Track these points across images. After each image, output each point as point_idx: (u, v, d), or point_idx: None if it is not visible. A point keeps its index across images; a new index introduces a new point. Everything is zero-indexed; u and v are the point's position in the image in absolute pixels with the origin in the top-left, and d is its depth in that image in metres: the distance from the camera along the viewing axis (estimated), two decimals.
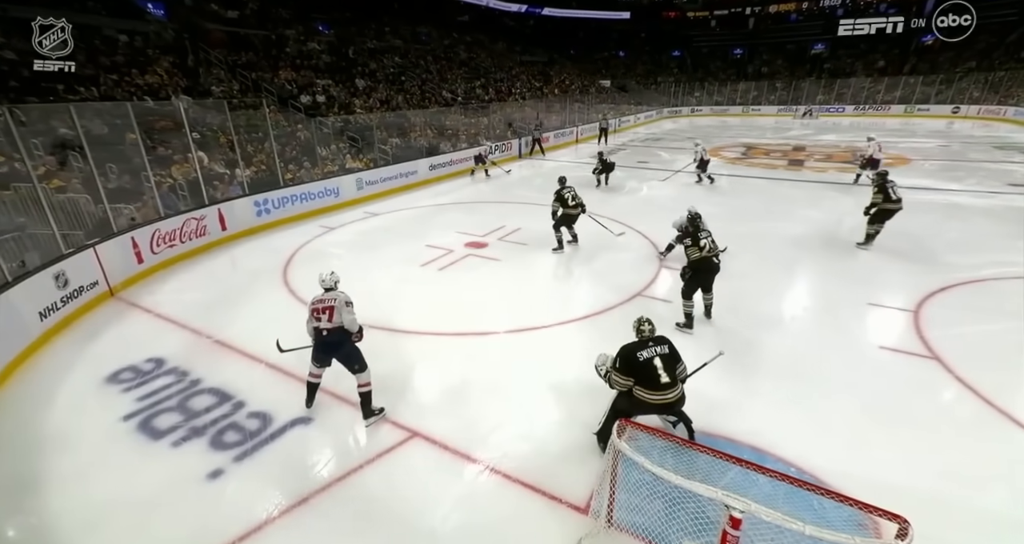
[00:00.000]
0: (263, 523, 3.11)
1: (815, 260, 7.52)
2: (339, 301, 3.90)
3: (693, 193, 12.19)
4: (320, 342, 3.91)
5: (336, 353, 3.95)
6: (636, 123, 29.09)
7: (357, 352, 3.99)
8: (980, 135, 21.18)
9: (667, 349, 3.42)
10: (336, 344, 3.91)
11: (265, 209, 9.52)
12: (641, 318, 3.59)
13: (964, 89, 28.39)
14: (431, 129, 16.58)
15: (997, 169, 13.87)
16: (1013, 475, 3.45)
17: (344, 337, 3.91)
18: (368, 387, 4.00)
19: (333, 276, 4.13)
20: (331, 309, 3.88)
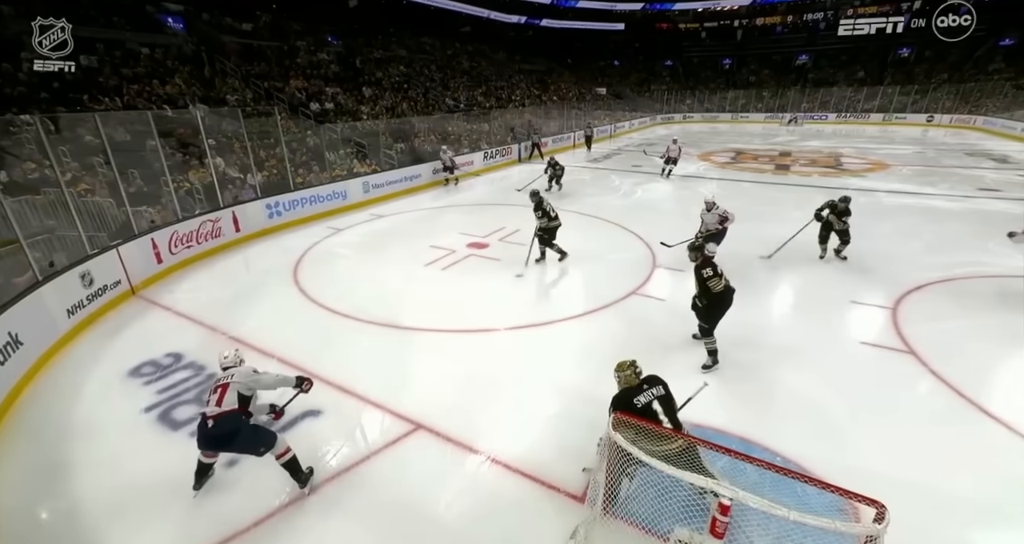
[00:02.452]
0: (277, 509, 3.12)
1: (801, 260, 7.52)
2: (238, 374, 3.08)
3: (684, 196, 12.18)
4: (203, 435, 2.98)
5: (230, 445, 3.05)
6: (630, 129, 29.06)
7: (256, 434, 3.06)
8: (953, 142, 21.20)
9: (663, 390, 3.05)
10: (227, 436, 2.97)
11: (276, 211, 9.51)
12: (622, 363, 3.17)
13: (938, 99, 28.43)
14: (435, 135, 16.55)
15: (968, 174, 13.89)
16: (979, 462, 3.47)
17: (238, 424, 2.97)
18: (287, 455, 3.15)
19: (228, 359, 3.28)
20: (224, 387, 3.02)
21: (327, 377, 4.56)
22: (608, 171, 15.97)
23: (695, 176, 14.80)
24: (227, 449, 3.13)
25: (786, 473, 2.62)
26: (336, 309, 5.99)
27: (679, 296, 6.34)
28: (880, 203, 10.93)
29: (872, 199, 11.29)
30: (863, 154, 18.18)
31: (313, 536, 2.95)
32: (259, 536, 2.95)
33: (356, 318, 5.75)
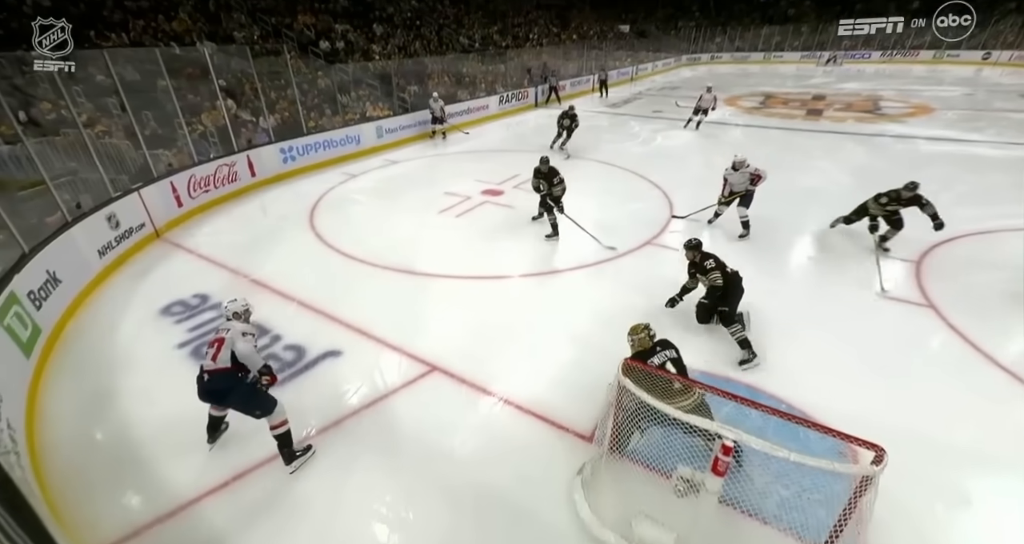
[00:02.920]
0: (303, 440, 3.30)
1: (824, 211, 7.16)
2: (233, 331, 2.94)
3: (706, 144, 11.54)
4: (201, 388, 2.93)
5: (225, 401, 3.01)
6: (653, 71, 27.11)
7: (254, 395, 2.97)
8: (1009, 83, 19.30)
9: (676, 353, 3.08)
10: (222, 392, 2.94)
11: (290, 156, 9.34)
12: (636, 326, 3.19)
13: (999, 33, 25.43)
14: (448, 77, 15.70)
15: (1019, 119, 12.74)
16: (986, 413, 3.45)
17: (232, 382, 2.90)
18: (281, 428, 3.02)
19: (236, 304, 3.15)
20: (220, 342, 2.92)
21: (345, 320, 4.66)
22: (627, 117, 15.12)
23: (719, 122, 13.91)
24: (224, 404, 3.08)
25: (789, 418, 2.63)
26: (352, 254, 6.02)
27: None
28: (917, 151, 10.20)
29: (909, 147, 10.54)
30: (905, 97, 16.75)
31: (338, 466, 3.14)
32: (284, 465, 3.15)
33: (372, 264, 5.78)
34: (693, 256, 4.23)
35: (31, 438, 3.35)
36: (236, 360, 2.90)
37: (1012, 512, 2.77)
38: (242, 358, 2.88)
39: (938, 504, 2.80)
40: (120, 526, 2.75)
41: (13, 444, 3.03)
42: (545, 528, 2.69)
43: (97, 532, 2.71)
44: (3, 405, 3.21)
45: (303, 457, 3.13)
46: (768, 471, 2.84)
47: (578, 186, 7.12)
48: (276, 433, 3.03)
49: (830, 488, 2.49)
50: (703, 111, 12.40)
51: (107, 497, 2.96)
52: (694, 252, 4.22)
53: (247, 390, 2.95)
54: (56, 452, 3.27)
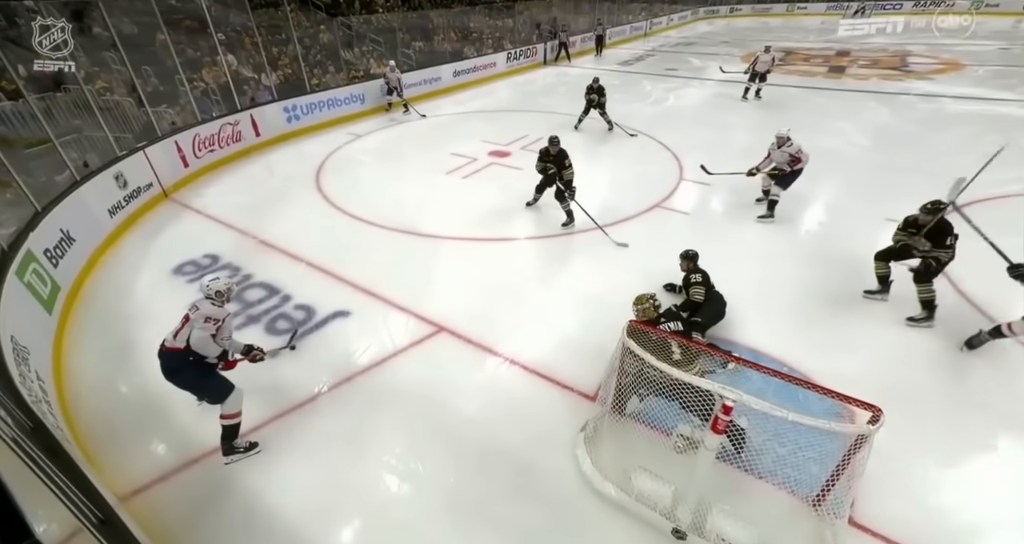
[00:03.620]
0: (315, 395, 3.38)
1: (837, 175, 6.89)
2: (197, 314, 2.78)
3: (720, 105, 10.98)
4: (160, 365, 2.84)
5: (175, 379, 2.85)
6: (668, 25, 25.46)
7: (204, 381, 2.86)
8: None
9: (680, 325, 3.09)
10: (173, 370, 2.82)
11: (295, 115, 9.05)
12: (642, 296, 3.14)
13: None
14: (455, 32, 14.87)
15: None
16: (992, 378, 3.42)
17: (181, 363, 2.78)
18: (230, 420, 2.88)
19: (215, 283, 2.93)
20: (186, 320, 2.81)
21: (353, 280, 4.66)
22: (639, 75, 14.35)
23: (734, 80, 13.18)
24: (177, 384, 2.88)
25: (789, 380, 2.63)
26: (359, 215, 5.94)
27: (704, 210, 6.04)
28: (943, 111, 9.64)
29: (935, 106, 9.95)
30: (935, 52, 15.66)
31: (351, 420, 3.22)
32: (303, 417, 3.24)
33: (379, 225, 5.71)
34: (686, 266, 3.97)
35: (60, 389, 3.47)
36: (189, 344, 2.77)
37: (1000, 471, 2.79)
38: (194, 345, 2.74)
39: (929, 461, 2.83)
40: (149, 470, 2.88)
41: (44, 393, 3.14)
42: (548, 482, 2.77)
43: (128, 475, 2.85)
44: (31, 357, 3.30)
45: (242, 454, 2.93)
46: (766, 430, 2.87)
47: (587, 148, 6.89)
48: (223, 423, 2.88)
49: (825, 446, 2.51)
50: (760, 76, 10.43)
51: (134, 443, 3.08)
52: (688, 262, 3.96)
53: (197, 374, 2.84)
54: (84, 402, 3.39)
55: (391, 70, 10.16)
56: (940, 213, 3.79)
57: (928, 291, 3.92)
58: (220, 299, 2.94)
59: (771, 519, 2.45)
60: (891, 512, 2.53)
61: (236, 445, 2.94)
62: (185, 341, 2.76)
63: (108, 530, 1.92)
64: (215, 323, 2.79)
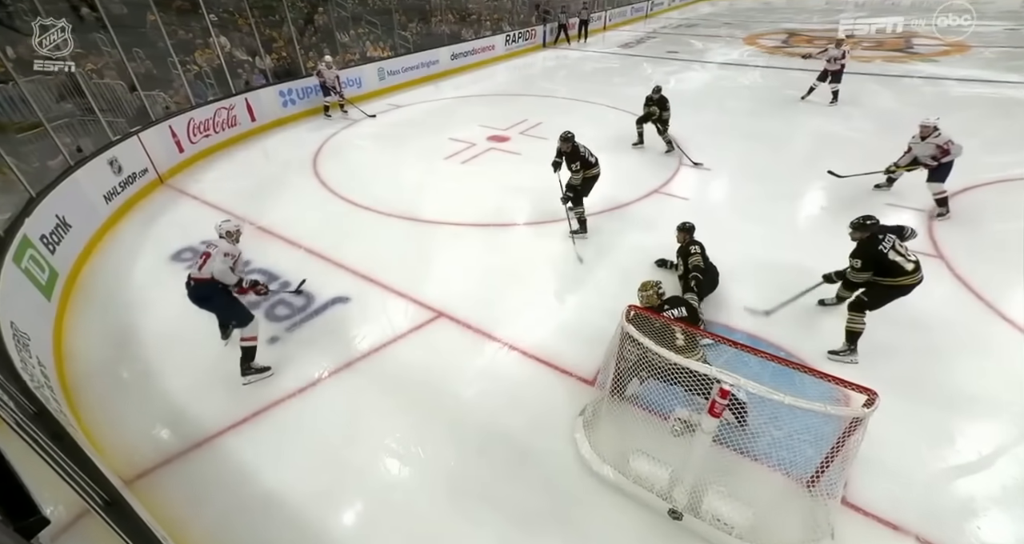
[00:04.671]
0: (317, 380, 3.40)
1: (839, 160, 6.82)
2: (217, 250, 3.28)
3: (721, 88, 10.80)
4: (188, 293, 3.34)
5: (207, 306, 3.39)
6: (670, 6, 24.89)
7: (231, 307, 3.38)
8: None
9: (684, 312, 3.06)
10: (204, 298, 3.33)
11: (290, 100, 8.90)
12: (647, 283, 3.15)
13: None
14: (452, 14, 14.52)
15: None
16: (983, 360, 3.45)
17: (213, 290, 3.27)
18: (249, 342, 3.38)
19: (226, 225, 3.46)
20: (207, 256, 3.29)
21: (351, 266, 4.64)
22: (640, 59, 14.08)
23: (737, 63, 12.97)
24: (207, 309, 3.42)
25: (786, 364, 2.64)
26: (357, 202, 5.89)
27: (703, 196, 6.00)
28: (947, 94, 9.50)
29: (939, 89, 9.80)
30: (942, 33, 15.35)
31: (351, 404, 3.24)
32: (304, 400, 3.26)
33: (377, 211, 5.66)
34: (683, 238, 4.05)
35: (61, 375, 3.48)
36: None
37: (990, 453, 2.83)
38: (216, 276, 3.22)
39: (922, 443, 2.86)
40: (152, 454, 2.91)
41: (46, 379, 3.15)
42: (547, 465, 2.80)
43: (132, 459, 2.88)
44: (32, 344, 3.30)
45: (259, 375, 3.44)
46: (763, 414, 2.90)
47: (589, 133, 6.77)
48: (243, 345, 3.41)
49: (820, 429, 2.54)
50: (833, 75, 8.76)
51: (137, 428, 3.11)
52: (685, 234, 4.04)
53: (226, 300, 3.35)
54: (86, 387, 3.41)
55: (327, 67, 8.74)
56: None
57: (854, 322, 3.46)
58: (231, 238, 3.45)
59: (765, 500, 2.49)
60: (882, 492, 2.57)
61: (253, 366, 3.44)
62: (210, 273, 3.24)
63: (115, 511, 1.94)
64: (232, 258, 3.31)
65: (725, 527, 2.33)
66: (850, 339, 3.46)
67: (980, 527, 2.44)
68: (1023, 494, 2.59)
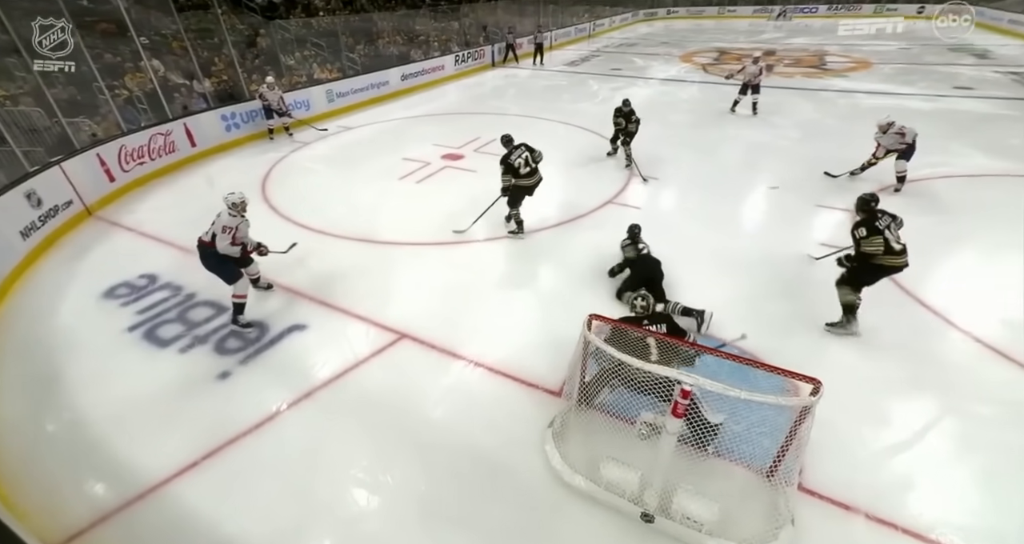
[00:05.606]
0: (275, 414, 3.23)
1: (771, 166, 7.39)
2: (218, 222, 3.69)
3: (663, 102, 11.47)
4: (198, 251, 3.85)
5: (205, 263, 3.86)
6: (611, 27, 26.27)
7: (219, 267, 3.84)
8: (937, 36, 19.98)
9: (664, 328, 3.09)
10: (203, 258, 3.83)
11: (234, 124, 8.59)
12: (639, 294, 3.27)
13: None
14: (400, 35, 14.64)
15: (946, 72, 13.34)
16: (908, 344, 3.78)
17: (205, 252, 3.78)
18: (237, 299, 3.92)
19: (231, 196, 3.74)
20: (212, 224, 3.76)
21: (308, 293, 4.49)
22: (586, 76, 14.71)
23: (675, 79, 13.84)
24: (207, 267, 3.86)
25: (739, 361, 2.79)
26: (311, 226, 5.72)
27: (655, 205, 6.29)
28: (858, 105, 10.55)
29: (851, 101, 10.87)
30: (848, 51, 17.11)
31: (312, 436, 3.10)
32: (262, 437, 3.08)
33: (332, 234, 5.53)
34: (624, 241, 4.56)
35: None
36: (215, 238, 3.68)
37: (921, 430, 3.09)
38: (220, 250, 3.66)
39: (864, 426, 3.08)
40: (86, 513, 2.64)
41: None
42: (519, 480, 2.79)
43: (61, 520, 2.60)
44: None
45: (243, 328, 3.95)
46: (722, 410, 3.03)
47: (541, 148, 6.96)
48: (234, 301, 3.93)
49: (775, 420, 2.69)
50: (752, 88, 9.56)
51: (68, 485, 2.81)
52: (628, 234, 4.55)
53: (216, 263, 3.79)
54: (5, 443, 3.06)
55: (269, 88, 8.32)
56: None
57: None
58: (236, 210, 3.72)
59: (730, 494, 2.59)
60: (833, 475, 2.74)
61: (239, 319, 3.96)
62: (211, 237, 3.69)
63: None
64: (231, 231, 3.63)
65: (695, 525, 2.40)
66: (847, 311, 3.77)
67: (920, 498, 2.65)
68: (952, 466, 2.84)
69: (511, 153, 5.06)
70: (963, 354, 3.68)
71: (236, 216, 3.71)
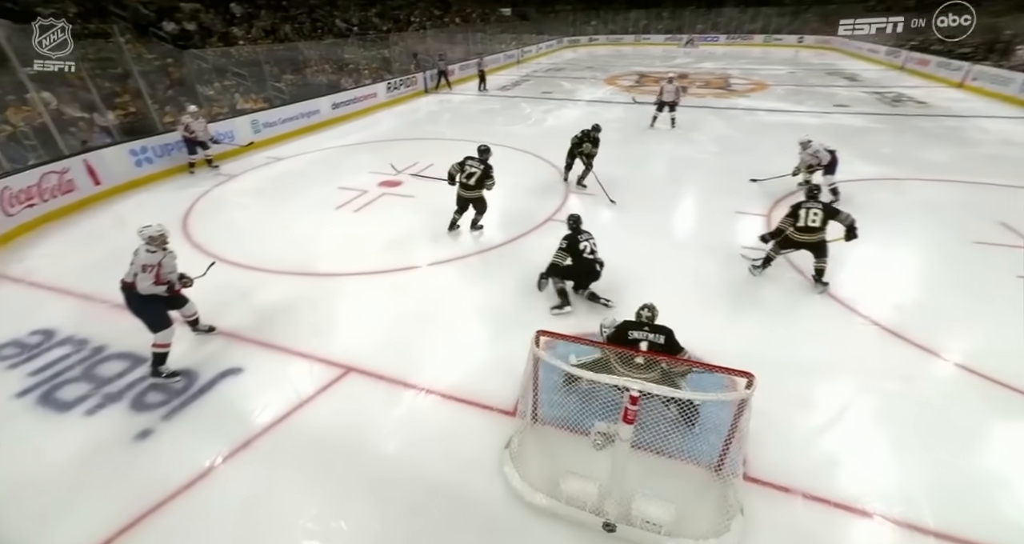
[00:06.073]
0: (208, 469, 2.95)
1: (693, 178, 8.03)
2: (136, 261, 3.39)
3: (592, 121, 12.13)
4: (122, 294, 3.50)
5: (129, 307, 3.52)
6: (538, 53, 27.68)
7: (142, 311, 3.50)
8: (817, 62, 23.02)
9: (662, 339, 3.11)
10: (127, 299, 3.50)
11: (145, 158, 7.98)
12: (644, 305, 3.35)
13: (807, 21, 30.22)
14: (329, 64, 14.47)
15: (827, 92, 15.35)
16: (823, 333, 4.20)
17: (131, 294, 3.44)
18: (158, 349, 3.55)
19: (147, 230, 3.42)
20: (132, 263, 3.43)
21: (243, 333, 4.21)
22: (518, 99, 15.32)
23: (602, 101, 14.78)
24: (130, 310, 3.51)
25: (683, 362, 2.97)
26: (243, 263, 5.38)
27: (594, 218, 6.56)
28: (761, 121, 11.81)
29: (755, 118, 12.15)
30: (747, 75, 19.20)
31: (255, 490, 2.86)
32: (193, 498, 2.79)
33: (267, 270, 5.24)
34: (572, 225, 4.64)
35: None
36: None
37: (840, 410, 3.42)
38: (140, 290, 3.34)
39: (793, 411, 3.35)
40: None
41: None
42: (480, 506, 2.74)
43: None
44: None
45: (164, 379, 3.59)
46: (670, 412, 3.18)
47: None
48: (153, 350, 3.56)
49: (719, 416, 2.87)
50: (669, 105, 10.73)
51: None
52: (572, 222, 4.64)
53: (142, 303, 3.45)
54: None
55: (193, 118, 7.83)
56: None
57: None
58: (155, 244, 3.41)
59: (685, 492, 2.70)
60: (773, 461, 2.95)
61: (161, 370, 3.60)
62: (132, 277, 3.37)
63: None
64: (152, 269, 3.33)
65: (655, 527, 2.47)
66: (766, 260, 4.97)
67: (847, 472, 2.91)
68: (870, 439, 3.15)
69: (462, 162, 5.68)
70: (868, 338, 4.14)
71: (156, 251, 3.40)
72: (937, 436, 3.15)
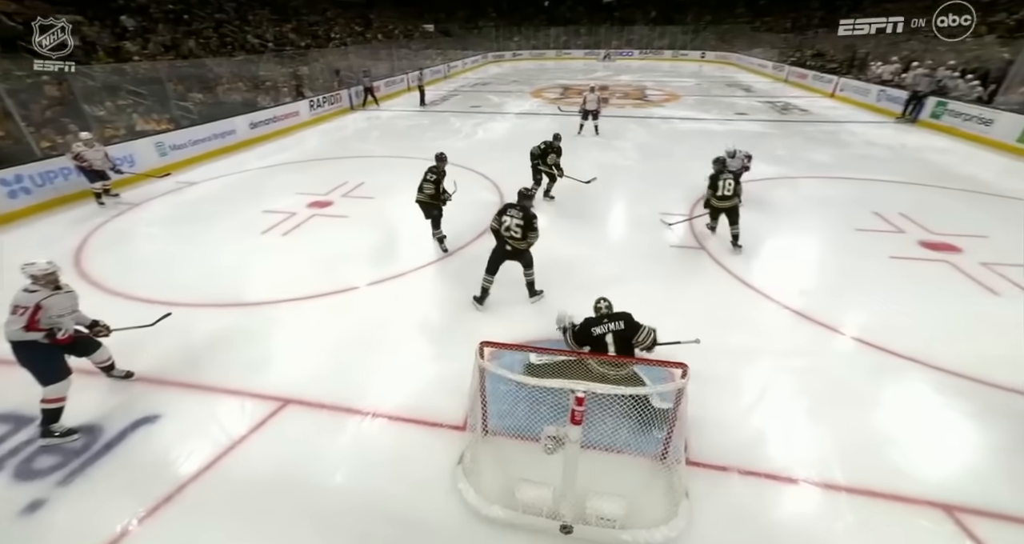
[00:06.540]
0: (119, 536, 2.62)
1: (619, 185, 8.50)
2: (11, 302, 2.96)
3: (520, 134, 12.50)
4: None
5: (16, 357, 3.06)
6: (464, 68, 28.10)
7: (30, 362, 3.08)
8: (718, 75, 25.47)
9: (622, 324, 3.32)
10: (12, 348, 3.01)
11: (22, 188, 7.05)
12: (599, 298, 3.55)
13: (707, 39, 33.52)
14: (242, 82, 13.68)
15: (729, 102, 17.02)
16: (744, 320, 4.59)
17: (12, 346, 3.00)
18: (48, 404, 3.12)
19: (30, 268, 3.03)
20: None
21: (157, 376, 3.82)
22: (447, 114, 15.44)
23: (529, 113, 15.27)
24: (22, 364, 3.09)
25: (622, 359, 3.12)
26: (155, 298, 4.89)
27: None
28: (676, 129, 12.80)
29: (671, 126, 13.14)
30: (661, 86, 20.77)
31: None
32: None
33: (185, 303, 4.79)
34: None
35: None
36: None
37: (762, 390, 3.77)
38: (6, 336, 2.92)
39: (724, 394, 3.63)
40: None
41: None
42: (436, 526, 2.68)
43: None
44: None
45: (58, 439, 3.16)
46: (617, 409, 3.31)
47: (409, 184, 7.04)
48: (41, 407, 3.12)
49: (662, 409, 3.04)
50: (592, 113, 11.35)
51: None
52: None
53: (28, 354, 3.03)
54: None
55: (88, 145, 7.06)
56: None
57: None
58: (39, 283, 3.02)
59: (635, 485, 2.83)
60: (710, 443, 3.17)
61: (52, 429, 3.16)
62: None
63: None
64: (24, 311, 2.91)
65: (609, 523, 2.56)
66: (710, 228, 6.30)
67: (774, 445, 3.20)
68: (790, 413, 3.49)
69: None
70: (779, 320, 4.59)
71: (37, 291, 2.99)
72: (841, 403, 3.56)
